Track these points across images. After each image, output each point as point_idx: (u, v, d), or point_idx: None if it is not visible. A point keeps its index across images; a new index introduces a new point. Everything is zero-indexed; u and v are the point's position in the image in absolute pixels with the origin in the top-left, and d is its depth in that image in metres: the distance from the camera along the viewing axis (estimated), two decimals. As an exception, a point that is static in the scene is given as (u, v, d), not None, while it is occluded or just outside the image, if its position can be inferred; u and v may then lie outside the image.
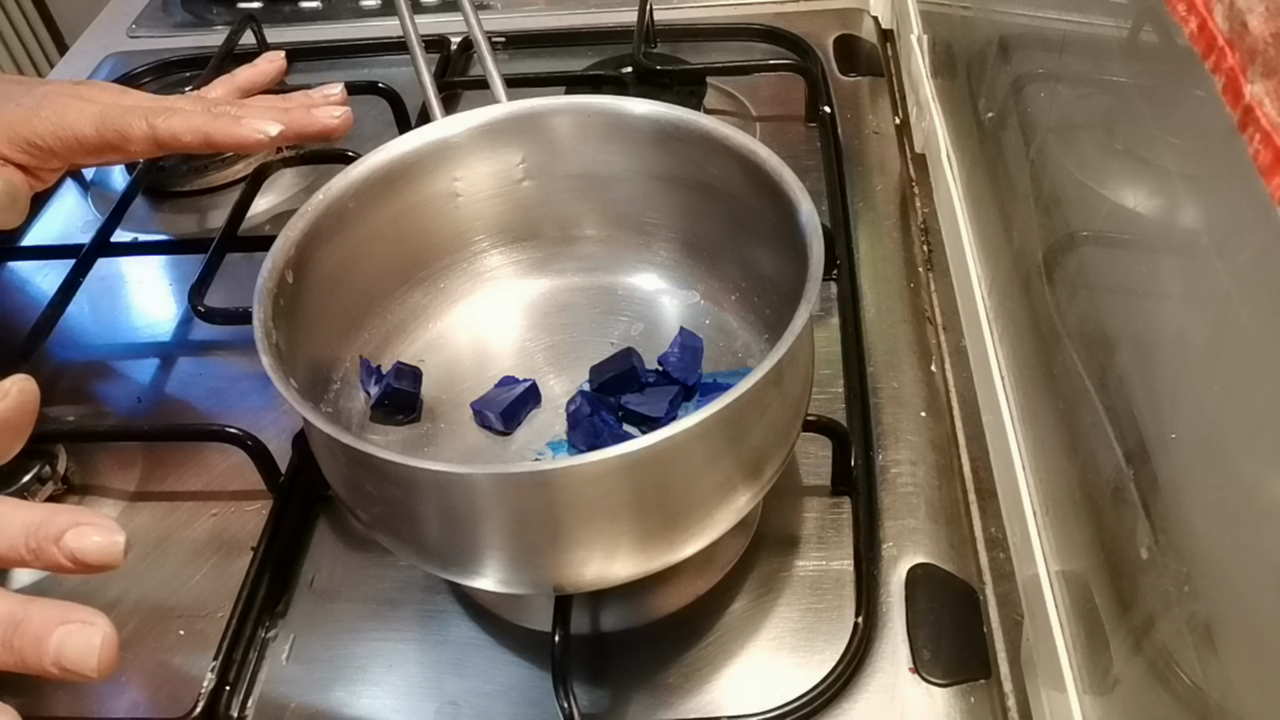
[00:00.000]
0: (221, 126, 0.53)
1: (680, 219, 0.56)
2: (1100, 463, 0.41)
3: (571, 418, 0.52)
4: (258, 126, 0.53)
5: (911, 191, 0.75)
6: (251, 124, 0.54)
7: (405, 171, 0.53)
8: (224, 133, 0.53)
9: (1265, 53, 0.25)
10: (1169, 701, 0.34)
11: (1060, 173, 0.46)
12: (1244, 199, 0.26)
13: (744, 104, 0.83)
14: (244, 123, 0.53)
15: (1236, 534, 0.29)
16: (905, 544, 0.52)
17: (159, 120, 0.53)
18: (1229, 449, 0.30)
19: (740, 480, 0.43)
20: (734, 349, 0.56)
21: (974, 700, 0.46)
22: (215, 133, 0.53)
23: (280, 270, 0.47)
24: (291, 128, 0.56)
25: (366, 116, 0.86)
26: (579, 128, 0.54)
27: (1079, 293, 0.44)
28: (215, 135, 0.53)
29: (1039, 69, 0.51)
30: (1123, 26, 0.38)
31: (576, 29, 0.92)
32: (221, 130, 0.53)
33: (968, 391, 0.61)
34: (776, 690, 0.46)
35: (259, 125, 0.54)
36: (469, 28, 0.58)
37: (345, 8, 0.99)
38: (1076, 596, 0.44)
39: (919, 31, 0.79)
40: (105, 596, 0.54)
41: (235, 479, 0.58)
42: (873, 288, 0.66)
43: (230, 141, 0.54)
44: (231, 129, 0.53)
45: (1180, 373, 0.33)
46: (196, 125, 0.53)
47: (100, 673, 0.32)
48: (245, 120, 0.54)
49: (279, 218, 0.77)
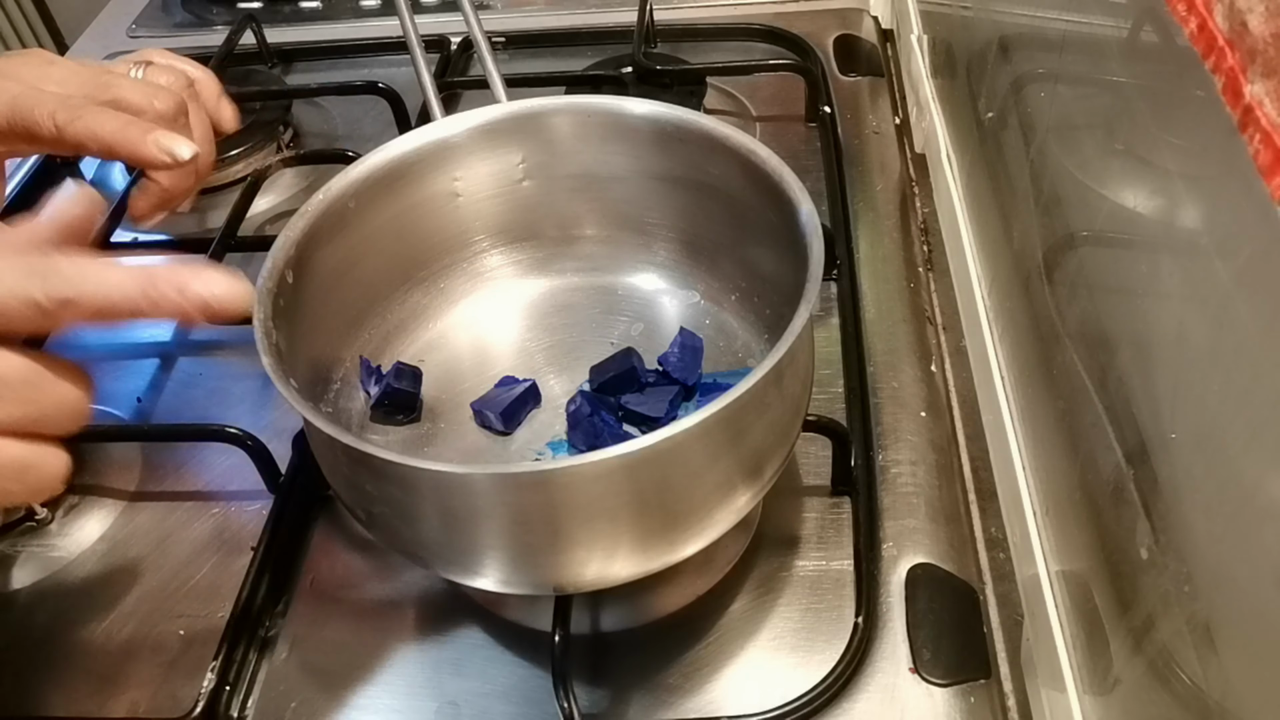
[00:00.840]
0: (128, 139, 0.47)
1: (680, 219, 0.56)
2: (1100, 463, 0.41)
3: (571, 418, 0.52)
4: (165, 146, 0.47)
5: (911, 191, 0.75)
6: (161, 143, 0.47)
7: (405, 171, 0.53)
8: (129, 149, 0.47)
9: (1265, 53, 0.25)
10: (1169, 701, 0.34)
11: (1060, 173, 0.46)
12: (1244, 199, 0.26)
13: (744, 104, 0.83)
14: (151, 139, 0.47)
15: (1236, 534, 0.29)
16: (905, 544, 0.52)
17: (67, 122, 0.47)
18: (1229, 449, 0.30)
19: (740, 480, 0.43)
20: (734, 349, 0.56)
21: (974, 700, 0.46)
22: (119, 145, 0.47)
23: (280, 270, 0.47)
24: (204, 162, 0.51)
25: (366, 116, 0.86)
26: (579, 128, 0.54)
27: (1079, 293, 0.44)
28: (119, 149, 0.47)
29: (1039, 69, 0.51)
30: (1123, 26, 0.38)
31: (576, 29, 0.92)
32: (126, 144, 0.47)
33: (968, 391, 0.61)
34: (776, 690, 0.46)
35: (167, 145, 0.47)
36: (469, 28, 0.58)
37: (345, 8, 0.99)
38: (1076, 596, 0.44)
39: (919, 31, 0.79)
40: (106, 596, 0.54)
41: (235, 479, 0.58)
42: (873, 288, 0.66)
43: (134, 159, 0.47)
44: (137, 146, 0.47)
45: (1180, 373, 0.33)
46: (102, 135, 0.47)
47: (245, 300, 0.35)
48: (154, 136, 0.47)
49: (279, 218, 0.77)
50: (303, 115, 0.87)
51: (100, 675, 0.51)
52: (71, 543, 0.57)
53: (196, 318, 0.35)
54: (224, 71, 0.87)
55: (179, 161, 0.47)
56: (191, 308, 0.34)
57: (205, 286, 0.35)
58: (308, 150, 0.83)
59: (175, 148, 0.47)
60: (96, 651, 0.52)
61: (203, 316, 0.35)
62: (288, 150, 0.82)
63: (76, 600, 0.54)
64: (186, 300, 0.34)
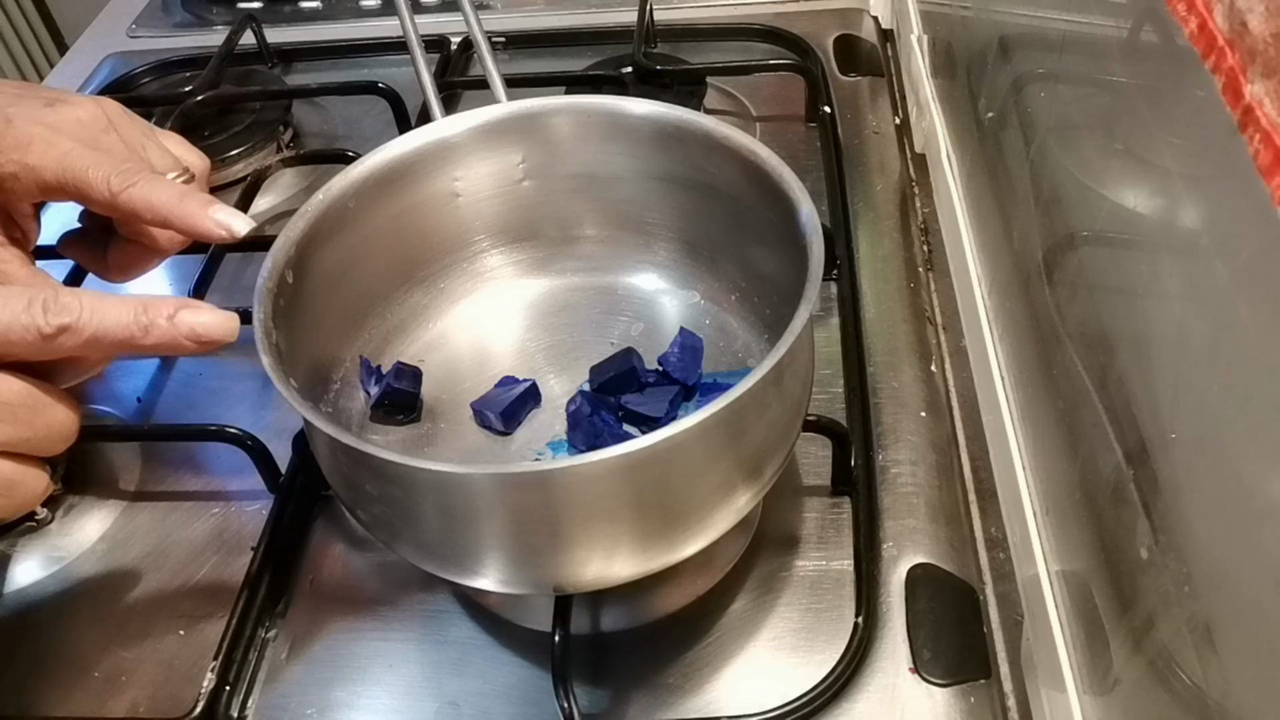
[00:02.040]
0: (186, 212, 0.47)
1: (680, 219, 0.56)
2: (1100, 463, 0.41)
3: (571, 418, 0.52)
4: (224, 222, 0.47)
5: (911, 191, 0.75)
6: (218, 218, 0.47)
7: (405, 171, 0.53)
8: (186, 222, 0.47)
9: (1265, 53, 0.25)
10: (1169, 701, 0.34)
11: (1060, 173, 0.46)
12: (1244, 199, 0.26)
13: (744, 104, 0.82)
14: (210, 213, 0.47)
15: (1236, 534, 0.29)
16: (905, 544, 0.52)
17: (122, 188, 0.46)
18: (1229, 449, 0.30)
19: (740, 480, 0.43)
20: (734, 349, 0.56)
21: (974, 700, 0.46)
22: (176, 219, 0.46)
23: (280, 270, 0.47)
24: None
25: (366, 116, 0.86)
26: (579, 128, 0.54)
27: (1079, 293, 0.44)
28: (175, 222, 0.47)
29: (1039, 69, 0.51)
30: (1123, 26, 0.38)
31: (576, 29, 0.92)
32: (184, 218, 0.47)
33: (968, 391, 0.61)
34: (776, 690, 0.46)
35: (226, 220, 0.47)
36: (469, 28, 0.57)
37: (345, 8, 0.99)
38: (1076, 596, 0.44)
39: (919, 31, 0.79)
40: (106, 596, 0.54)
41: (235, 479, 0.58)
42: (873, 288, 0.66)
43: (190, 232, 0.47)
44: (197, 219, 0.47)
45: (1180, 373, 0.33)
46: (158, 204, 0.46)
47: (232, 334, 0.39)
48: (213, 211, 0.47)
49: (279, 218, 0.77)
50: (303, 115, 0.87)
51: (100, 675, 0.51)
52: (71, 543, 0.57)
53: (186, 346, 0.38)
54: (224, 71, 0.87)
55: (235, 237, 0.47)
56: (181, 335, 0.38)
57: (194, 316, 0.38)
58: (308, 150, 0.83)
59: (234, 223, 0.47)
60: (96, 651, 0.52)
61: (191, 345, 0.38)
62: (288, 150, 0.82)
63: (76, 600, 0.54)
64: (176, 328, 0.38)
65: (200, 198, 0.47)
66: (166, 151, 0.51)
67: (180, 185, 0.48)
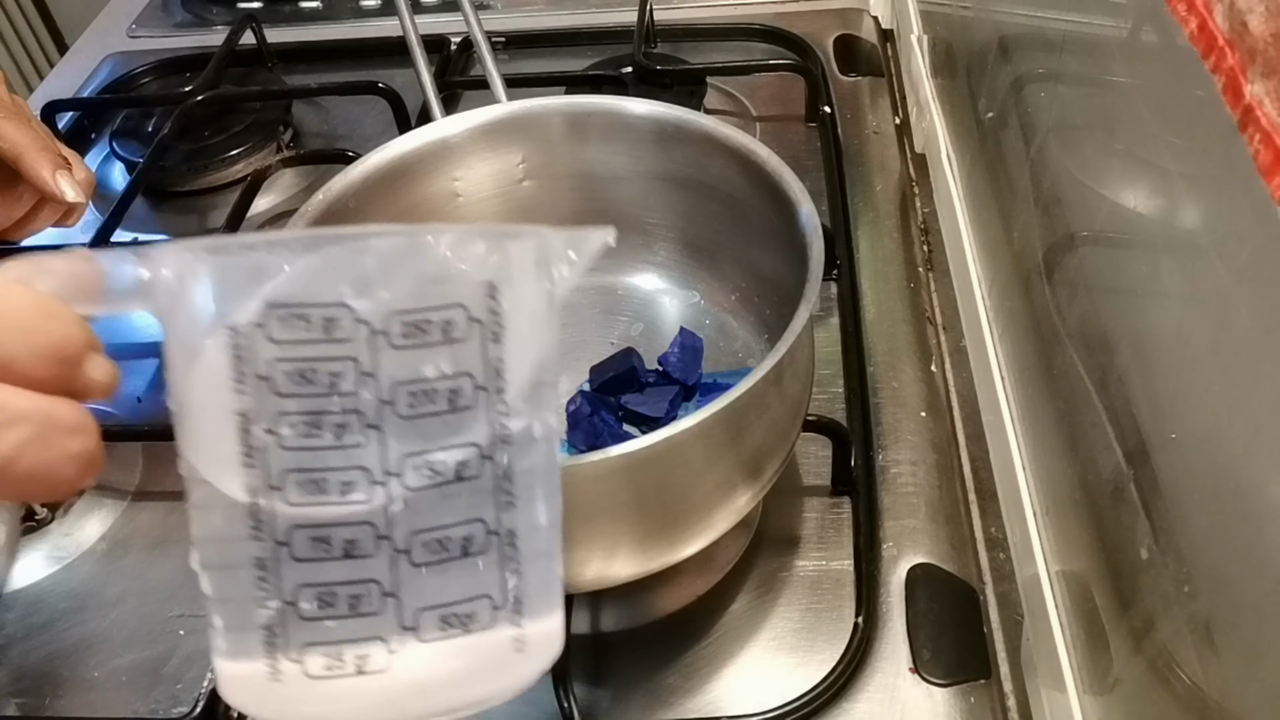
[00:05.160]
0: (37, 159, 0.54)
1: (680, 219, 0.56)
2: (1100, 463, 0.41)
3: (571, 418, 0.52)
4: (61, 183, 0.55)
5: (911, 191, 0.75)
6: (61, 179, 0.55)
7: (405, 171, 0.53)
8: (33, 167, 0.54)
9: (1265, 53, 0.25)
10: (1169, 701, 0.34)
11: (1060, 173, 0.46)
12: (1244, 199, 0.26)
13: (744, 104, 0.82)
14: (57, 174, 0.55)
15: (1236, 534, 0.29)
16: (905, 544, 0.52)
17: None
18: (1229, 449, 0.30)
19: (740, 480, 0.43)
20: (734, 349, 0.56)
21: (974, 700, 0.46)
22: (26, 160, 0.54)
23: (280, 270, 0.47)
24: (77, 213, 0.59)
25: (366, 116, 0.86)
26: (579, 128, 0.54)
27: (1079, 293, 0.44)
28: (25, 163, 0.54)
29: (1039, 69, 0.51)
30: (1123, 26, 0.38)
31: (576, 29, 0.92)
32: (33, 162, 0.54)
33: (968, 391, 0.61)
34: (776, 690, 0.46)
35: (64, 183, 0.55)
36: (469, 28, 0.58)
37: (345, 8, 0.99)
38: (1076, 596, 0.44)
39: (919, 31, 0.79)
40: (106, 596, 0.54)
41: (235, 479, 0.58)
42: (873, 288, 0.66)
43: (32, 178, 0.55)
44: (41, 169, 0.54)
45: (1180, 373, 0.33)
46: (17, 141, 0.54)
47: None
48: (60, 173, 0.55)
49: (279, 218, 0.77)
50: (303, 115, 0.87)
51: (100, 675, 0.51)
52: (71, 543, 0.57)
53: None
54: (224, 72, 0.87)
55: (61, 200, 0.55)
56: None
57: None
58: (308, 150, 0.83)
59: (68, 190, 0.55)
60: (96, 651, 0.52)
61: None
62: (288, 150, 0.82)
63: (76, 600, 0.54)
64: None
65: (56, 158, 0.55)
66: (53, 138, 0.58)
67: (45, 139, 0.55)
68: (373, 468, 0.25)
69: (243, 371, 0.24)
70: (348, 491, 0.25)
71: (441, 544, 0.26)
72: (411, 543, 0.25)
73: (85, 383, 0.26)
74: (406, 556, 0.25)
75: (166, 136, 0.78)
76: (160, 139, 0.78)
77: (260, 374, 0.24)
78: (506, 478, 0.26)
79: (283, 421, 0.24)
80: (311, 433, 0.25)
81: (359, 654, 0.25)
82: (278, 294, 0.24)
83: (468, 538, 0.26)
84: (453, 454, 0.25)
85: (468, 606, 0.26)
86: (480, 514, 0.26)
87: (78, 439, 0.25)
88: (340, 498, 0.25)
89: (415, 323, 0.25)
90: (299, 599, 0.25)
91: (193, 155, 0.81)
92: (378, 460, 0.25)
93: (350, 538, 0.25)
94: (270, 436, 0.24)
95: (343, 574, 0.25)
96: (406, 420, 0.25)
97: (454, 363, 0.25)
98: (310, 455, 0.25)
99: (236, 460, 0.25)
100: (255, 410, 0.24)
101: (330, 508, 0.25)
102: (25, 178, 0.55)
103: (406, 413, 0.25)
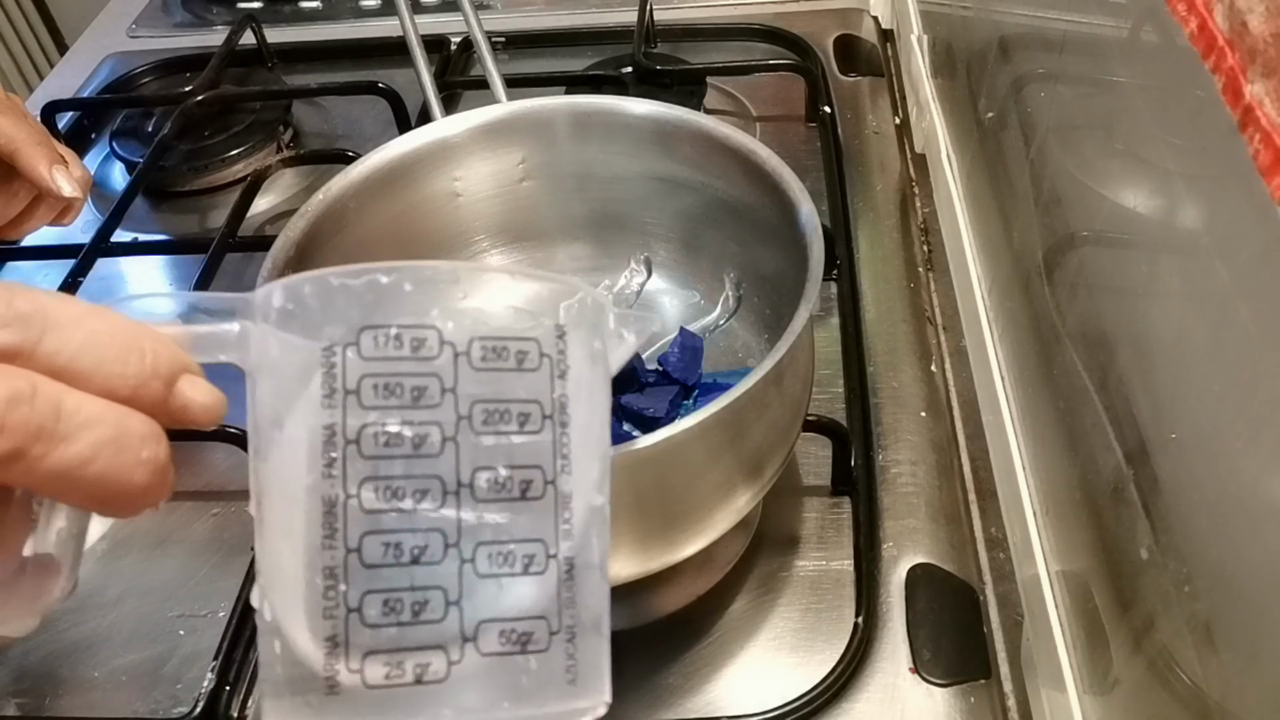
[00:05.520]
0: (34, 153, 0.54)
1: (680, 219, 0.56)
2: (1100, 463, 0.41)
3: (571, 418, 0.52)
4: (58, 178, 0.54)
5: (911, 191, 0.75)
6: (58, 175, 0.54)
7: (405, 171, 0.53)
8: (30, 161, 0.54)
9: (1265, 53, 0.25)
10: (1169, 701, 0.34)
11: (1060, 173, 0.46)
12: (1244, 199, 0.26)
13: (744, 104, 0.82)
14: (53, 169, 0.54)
15: (1236, 534, 0.29)
16: (905, 544, 0.52)
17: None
18: (1229, 449, 0.30)
19: (740, 480, 0.43)
20: (734, 349, 0.55)
21: (974, 700, 0.46)
22: (22, 154, 0.54)
23: (280, 270, 0.47)
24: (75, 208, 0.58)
25: (366, 116, 0.86)
26: (579, 128, 0.54)
27: (1079, 293, 0.44)
28: (21, 158, 0.54)
29: (1039, 69, 0.51)
30: (1123, 26, 0.38)
31: (576, 29, 0.92)
32: (30, 156, 0.54)
33: (968, 391, 0.61)
34: (776, 690, 0.46)
35: (60, 179, 0.54)
36: (469, 28, 0.57)
37: (345, 8, 0.99)
38: (1076, 596, 0.44)
39: (919, 31, 0.79)
40: (105, 596, 0.54)
41: (235, 479, 0.58)
42: (873, 288, 0.66)
43: (28, 172, 0.54)
44: (37, 164, 0.54)
45: (1180, 373, 0.33)
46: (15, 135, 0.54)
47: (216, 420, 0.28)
48: (56, 167, 0.54)
49: (279, 218, 0.77)
50: (303, 115, 0.87)
51: (100, 675, 0.51)
52: (71, 543, 0.57)
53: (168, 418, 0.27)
54: (224, 72, 0.87)
55: (58, 195, 0.54)
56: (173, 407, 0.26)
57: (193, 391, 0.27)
58: (308, 150, 0.83)
59: (64, 185, 0.54)
60: (96, 651, 0.52)
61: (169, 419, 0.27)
62: (288, 150, 0.82)
63: (76, 600, 0.54)
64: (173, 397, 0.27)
65: (53, 153, 0.54)
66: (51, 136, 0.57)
67: (41, 135, 0.55)
68: (446, 477, 0.26)
69: (333, 388, 0.25)
70: (421, 500, 0.26)
71: (505, 558, 0.26)
72: (477, 554, 0.26)
73: (183, 402, 0.26)
74: (472, 566, 0.26)
75: (166, 136, 0.78)
76: (160, 139, 0.78)
77: (349, 389, 0.26)
78: (565, 507, 0.27)
79: (365, 432, 0.25)
80: (392, 441, 0.26)
81: (419, 662, 0.26)
82: (371, 317, 0.26)
83: (530, 556, 0.27)
84: (520, 473, 0.27)
85: (527, 625, 0.27)
86: (542, 535, 0.27)
87: (149, 446, 0.25)
88: (414, 505, 0.26)
89: (494, 348, 0.27)
90: (364, 606, 0.25)
91: (193, 155, 0.81)
92: (452, 469, 0.26)
93: (421, 544, 0.26)
94: (352, 446, 0.25)
95: (410, 580, 0.26)
96: (479, 435, 0.26)
97: (526, 390, 0.27)
98: (388, 464, 0.26)
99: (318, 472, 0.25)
100: (340, 422, 0.25)
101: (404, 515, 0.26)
102: (21, 173, 0.54)
103: (481, 428, 0.26)
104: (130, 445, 0.25)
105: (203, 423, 0.27)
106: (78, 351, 0.24)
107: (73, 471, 0.23)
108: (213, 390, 0.27)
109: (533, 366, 0.27)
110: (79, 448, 0.24)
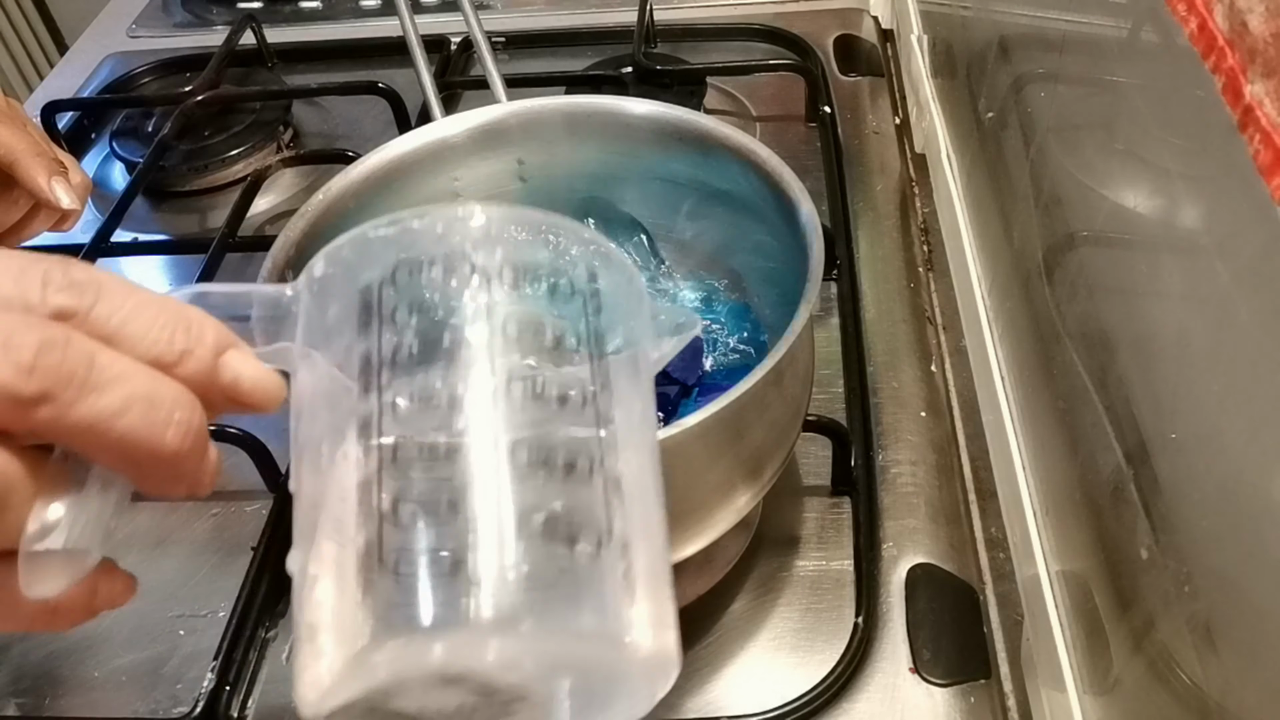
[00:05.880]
0: (33, 164, 0.54)
1: (680, 219, 0.56)
2: (1100, 463, 0.41)
3: (571, 418, 0.52)
4: (56, 189, 0.54)
5: (911, 191, 0.75)
6: (57, 186, 0.54)
7: (405, 171, 0.53)
8: (29, 172, 0.54)
9: (1265, 53, 0.25)
10: (1169, 701, 0.34)
11: (1060, 173, 0.46)
12: (1244, 199, 0.26)
13: (744, 104, 0.82)
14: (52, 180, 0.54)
15: (1236, 534, 0.29)
16: (905, 544, 0.52)
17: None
18: (1229, 449, 0.30)
19: (740, 480, 0.43)
20: (734, 349, 0.55)
21: (974, 700, 0.46)
22: (22, 165, 0.54)
23: (280, 270, 0.47)
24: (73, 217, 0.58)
25: (366, 116, 0.86)
26: (578, 128, 0.54)
27: (1079, 293, 0.44)
28: (20, 168, 0.54)
29: (1039, 69, 0.51)
30: (1123, 26, 0.38)
31: (576, 29, 0.92)
32: (30, 167, 0.54)
33: (968, 391, 0.61)
34: (776, 690, 0.46)
35: (59, 190, 0.54)
36: (469, 28, 0.57)
37: (345, 8, 0.99)
38: (1076, 596, 0.44)
39: (919, 31, 0.79)
40: (105, 596, 0.54)
41: (235, 479, 0.58)
42: (873, 288, 0.66)
43: (27, 183, 0.54)
44: (36, 174, 0.54)
45: (1180, 372, 0.33)
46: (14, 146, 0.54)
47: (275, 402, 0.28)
48: (55, 177, 0.54)
49: (279, 218, 0.77)
50: (303, 115, 0.87)
51: (100, 675, 0.51)
52: (71, 543, 0.56)
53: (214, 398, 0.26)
54: (224, 72, 0.87)
55: (57, 208, 0.54)
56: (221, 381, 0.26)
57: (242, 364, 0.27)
58: (308, 150, 0.83)
59: (63, 197, 0.54)
60: (96, 651, 0.52)
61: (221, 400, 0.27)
62: (288, 150, 0.82)
63: (76, 600, 0.54)
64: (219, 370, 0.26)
65: (52, 163, 0.54)
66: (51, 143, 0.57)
67: (40, 144, 0.55)
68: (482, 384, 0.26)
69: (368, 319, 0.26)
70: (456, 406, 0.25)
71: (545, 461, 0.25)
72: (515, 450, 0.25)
73: (232, 374, 0.26)
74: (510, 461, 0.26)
75: (166, 136, 0.78)
76: (160, 139, 0.78)
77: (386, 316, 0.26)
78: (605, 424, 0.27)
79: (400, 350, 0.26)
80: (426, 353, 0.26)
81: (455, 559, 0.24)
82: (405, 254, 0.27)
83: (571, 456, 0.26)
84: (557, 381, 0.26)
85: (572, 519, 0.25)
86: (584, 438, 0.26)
87: (183, 409, 0.25)
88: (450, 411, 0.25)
89: (524, 274, 0.27)
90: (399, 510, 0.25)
91: (193, 155, 0.81)
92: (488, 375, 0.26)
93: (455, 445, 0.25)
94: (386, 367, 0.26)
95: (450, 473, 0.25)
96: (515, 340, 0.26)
97: (560, 312, 0.27)
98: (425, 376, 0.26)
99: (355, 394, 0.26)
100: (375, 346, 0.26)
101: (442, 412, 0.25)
102: (20, 183, 0.54)
103: (514, 334, 0.26)
104: (162, 404, 0.24)
105: (256, 399, 0.27)
106: (127, 318, 0.25)
107: (102, 423, 0.23)
108: (264, 368, 0.27)
109: (564, 296, 0.27)
110: (109, 399, 0.23)
